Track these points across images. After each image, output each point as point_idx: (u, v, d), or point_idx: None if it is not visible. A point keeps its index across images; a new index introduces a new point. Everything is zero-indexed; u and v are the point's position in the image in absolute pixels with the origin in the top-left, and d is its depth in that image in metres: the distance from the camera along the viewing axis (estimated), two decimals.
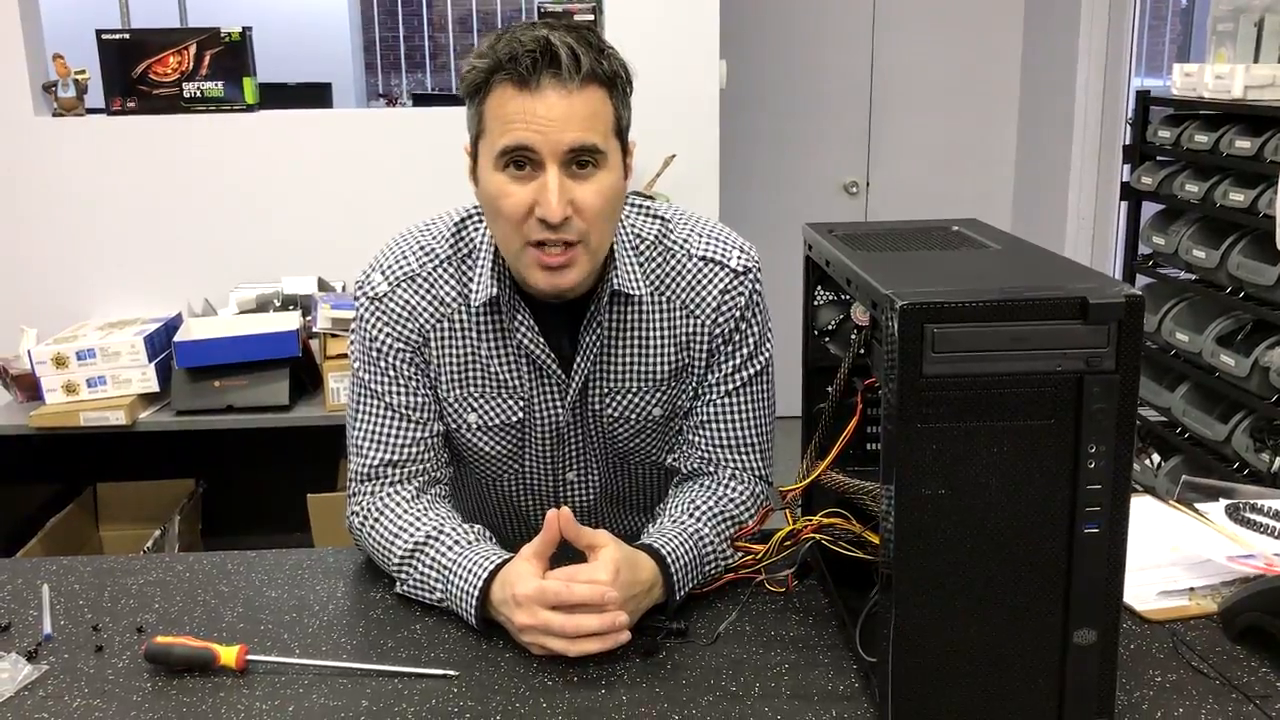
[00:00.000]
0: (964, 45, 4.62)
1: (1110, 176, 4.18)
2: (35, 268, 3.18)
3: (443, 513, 1.36)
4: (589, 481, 1.51)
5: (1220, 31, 3.07)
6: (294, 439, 2.86)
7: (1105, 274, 1.02)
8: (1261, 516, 1.44)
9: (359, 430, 1.41)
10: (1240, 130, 2.90)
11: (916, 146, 4.71)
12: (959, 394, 0.94)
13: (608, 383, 1.42)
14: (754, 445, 1.44)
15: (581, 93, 1.23)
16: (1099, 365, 0.94)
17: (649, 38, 3.15)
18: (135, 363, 2.78)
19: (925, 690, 1.01)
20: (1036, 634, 0.99)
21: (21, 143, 3.12)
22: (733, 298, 1.40)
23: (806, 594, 1.32)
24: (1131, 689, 1.10)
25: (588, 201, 1.25)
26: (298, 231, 3.22)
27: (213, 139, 3.17)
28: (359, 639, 1.25)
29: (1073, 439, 0.95)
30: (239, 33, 3.16)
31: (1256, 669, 1.14)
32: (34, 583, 1.38)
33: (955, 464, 0.96)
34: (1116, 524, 0.97)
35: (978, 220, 1.32)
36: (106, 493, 3.25)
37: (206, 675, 1.16)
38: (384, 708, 1.10)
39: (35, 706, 1.12)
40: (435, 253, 1.39)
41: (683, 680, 1.14)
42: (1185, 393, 3.13)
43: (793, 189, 4.70)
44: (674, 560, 1.26)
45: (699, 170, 3.24)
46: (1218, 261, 2.91)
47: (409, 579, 1.31)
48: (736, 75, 3.59)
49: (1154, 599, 1.27)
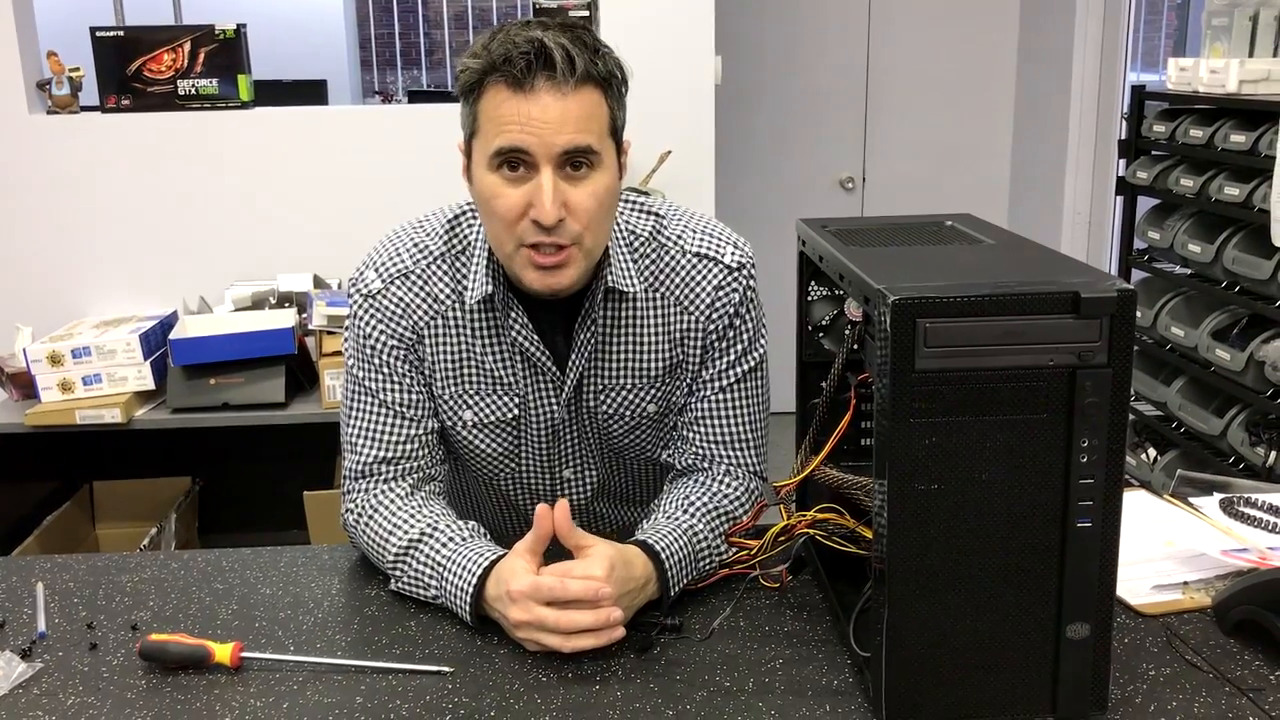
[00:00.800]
0: (959, 40, 4.62)
1: (1106, 171, 4.18)
2: (30, 266, 3.18)
3: (437, 510, 1.36)
4: (585, 478, 1.51)
5: (1215, 26, 3.07)
6: (290, 436, 2.86)
7: (1098, 268, 1.02)
8: (1255, 510, 1.44)
9: (353, 427, 1.41)
10: (1235, 124, 2.90)
11: (912, 142, 4.71)
12: (952, 389, 0.94)
13: (602, 379, 1.42)
14: (748, 441, 1.44)
15: (576, 94, 1.22)
16: (1091, 360, 0.94)
17: (644, 34, 3.14)
18: (131, 360, 2.77)
19: (919, 684, 1.01)
20: (1030, 628, 1.00)
21: (16, 141, 3.11)
22: (727, 294, 1.40)
23: (801, 589, 1.32)
24: (1125, 683, 1.10)
25: (582, 204, 1.25)
26: (293, 228, 3.22)
27: (208, 136, 3.16)
28: (354, 636, 1.25)
29: (1065, 433, 0.95)
30: (234, 30, 3.15)
31: (1250, 662, 1.14)
32: (28, 580, 1.38)
33: (948, 459, 0.96)
34: (1109, 518, 0.97)
35: (971, 215, 1.32)
36: (102, 491, 3.25)
37: (201, 672, 1.16)
38: (379, 704, 1.10)
39: (30, 704, 1.12)
40: (429, 249, 1.39)
41: (677, 676, 1.14)
42: (1181, 387, 3.13)
43: (788, 184, 4.70)
44: (668, 557, 1.26)
45: (694, 166, 3.23)
46: (1213, 256, 2.92)
47: (403, 576, 1.31)
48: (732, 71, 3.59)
49: (1148, 593, 1.27)
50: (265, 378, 2.79)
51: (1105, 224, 4.25)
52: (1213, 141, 2.96)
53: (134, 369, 2.78)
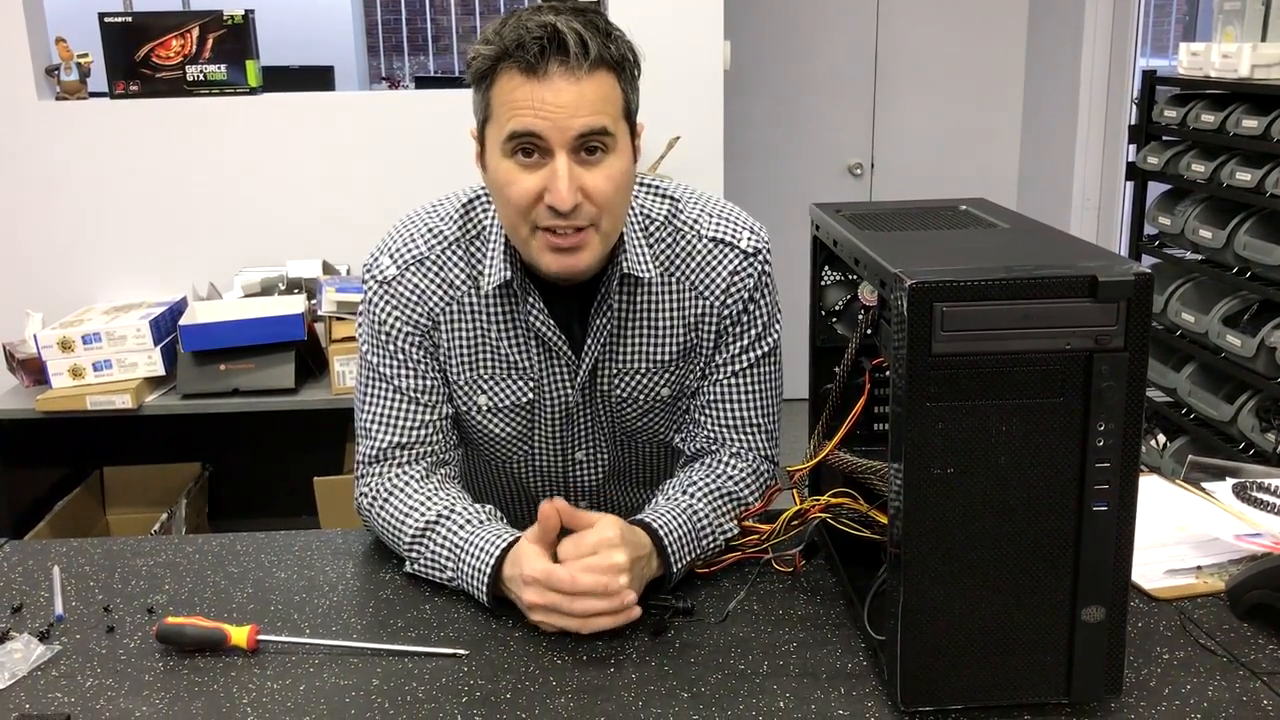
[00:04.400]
0: (969, 26, 4.60)
1: (1116, 157, 4.16)
2: (40, 252, 3.19)
3: (453, 493, 1.36)
4: (598, 461, 1.51)
5: (1227, 10, 3.06)
6: (300, 422, 2.87)
7: (1114, 252, 1.02)
8: (1269, 495, 1.44)
9: (367, 413, 1.41)
10: (1247, 109, 2.89)
11: (921, 128, 4.70)
12: (968, 372, 0.94)
13: (617, 364, 1.42)
14: (760, 426, 1.44)
15: (590, 78, 1.22)
16: (1108, 343, 0.94)
17: (653, 19, 3.14)
18: (141, 346, 2.78)
19: (933, 668, 1.01)
20: (1045, 612, 1.00)
21: (25, 127, 3.12)
22: (742, 279, 1.40)
23: (814, 573, 1.32)
24: (1139, 666, 1.10)
25: (598, 188, 1.24)
26: (302, 215, 3.23)
27: (216, 122, 3.17)
28: (369, 619, 1.25)
29: (1081, 417, 0.95)
30: (241, 15, 3.15)
31: (1264, 646, 1.14)
32: (45, 564, 1.39)
33: (964, 443, 0.96)
34: (1125, 502, 0.97)
35: (985, 200, 1.32)
36: (113, 476, 3.26)
37: (218, 655, 1.17)
38: (395, 686, 1.11)
39: (49, 686, 1.13)
40: (444, 235, 1.39)
41: (691, 659, 1.14)
42: (1191, 373, 3.13)
43: (797, 171, 4.69)
44: (668, 534, 1.26)
45: (703, 152, 3.23)
46: (1224, 241, 2.91)
47: (420, 558, 1.31)
48: (741, 56, 3.58)
49: (1161, 577, 1.27)
50: (275, 364, 2.80)
51: (1115, 210, 4.24)
52: (1224, 127, 2.95)
53: (144, 355, 2.79)
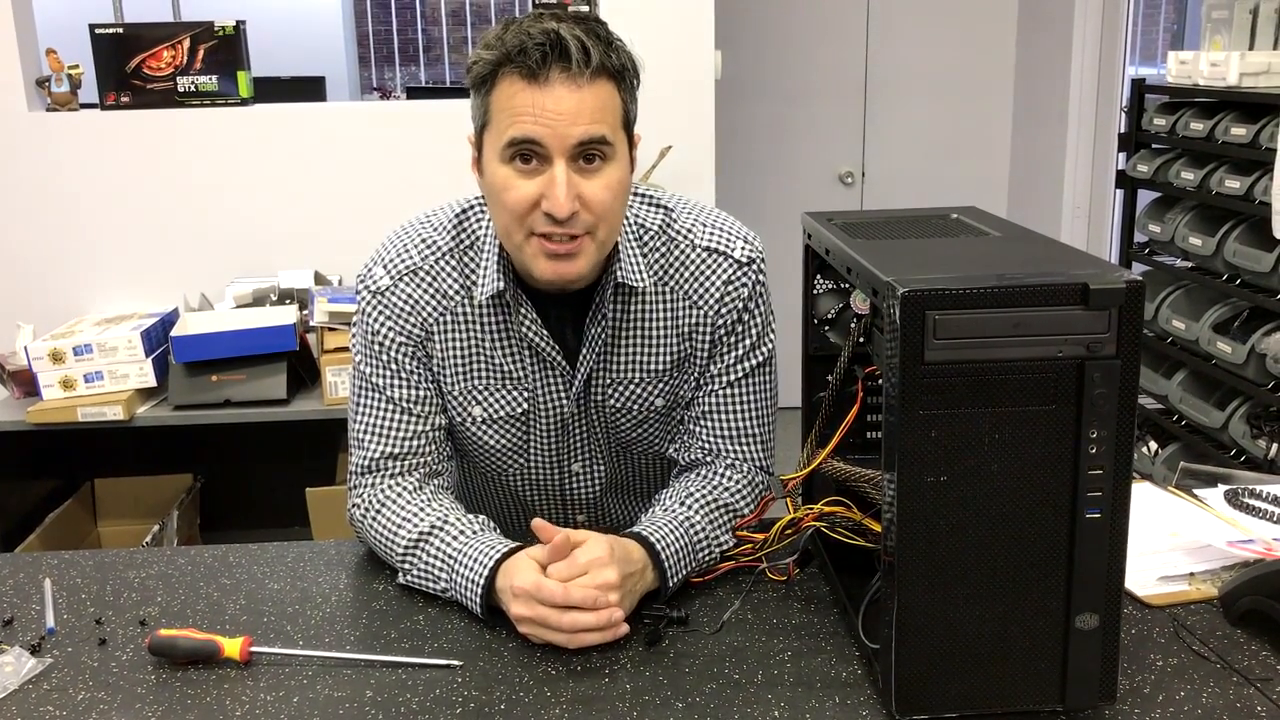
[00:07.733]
0: (958, 34, 4.61)
1: (1106, 165, 4.18)
2: (31, 264, 3.17)
3: (446, 504, 1.36)
4: (593, 472, 1.51)
5: (1215, 19, 3.07)
6: (292, 433, 2.86)
7: (1105, 260, 1.02)
8: (1260, 502, 1.45)
9: (360, 423, 1.41)
10: (1235, 117, 2.90)
11: (912, 136, 4.71)
12: (960, 380, 0.95)
13: (611, 374, 1.42)
14: (754, 436, 1.44)
15: (591, 86, 1.22)
16: (1100, 350, 0.95)
17: (644, 28, 3.14)
18: (132, 358, 2.77)
19: (928, 676, 1.01)
20: (1038, 619, 1.00)
21: (15, 138, 3.11)
22: (736, 289, 1.40)
23: (808, 582, 1.32)
24: (1133, 673, 1.11)
25: (596, 196, 1.25)
26: (293, 225, 3.22)
27: (207, 133, 3.16)
28: (362, 630, 1.25)
29: (1074, 424, 0.96)
30: (233, 26, 3.15)
31: (1257, 652, 1.14)
32: (36, 577, 1.38)
33: (957, 450, 0.96)
34: (1118, 509, 0.98)
35: (976, 208, 1.32)
36: (104, 488, 3.24)
37: (211, 667, 1.16)
38: (388, 698, 1.10)
39: (40, 699, 1.12)
40: (437, 245, 1.39)
41: (686, 668, 1.14)
42: (1182, 380, 3.14)
43: (788, 180, 4.70)
44: (664, 547, 1.26)
45: (695, 162, 3.23)
46: (1214, 249, 2.92)
47: (413, 569, 1.31)
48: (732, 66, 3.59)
49: (1154, 584, 1.27)
50: (267, 374, 2.79)
51: (1105, 217, 4.25)
52: (1213, 135, 2.96)
53: (135, 366, 2.78)
